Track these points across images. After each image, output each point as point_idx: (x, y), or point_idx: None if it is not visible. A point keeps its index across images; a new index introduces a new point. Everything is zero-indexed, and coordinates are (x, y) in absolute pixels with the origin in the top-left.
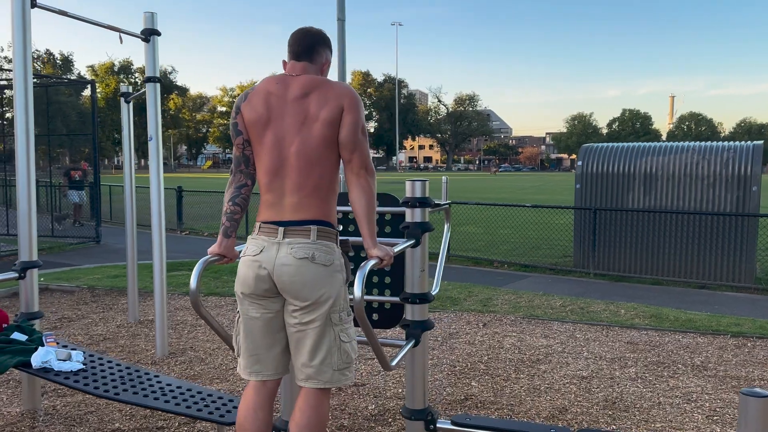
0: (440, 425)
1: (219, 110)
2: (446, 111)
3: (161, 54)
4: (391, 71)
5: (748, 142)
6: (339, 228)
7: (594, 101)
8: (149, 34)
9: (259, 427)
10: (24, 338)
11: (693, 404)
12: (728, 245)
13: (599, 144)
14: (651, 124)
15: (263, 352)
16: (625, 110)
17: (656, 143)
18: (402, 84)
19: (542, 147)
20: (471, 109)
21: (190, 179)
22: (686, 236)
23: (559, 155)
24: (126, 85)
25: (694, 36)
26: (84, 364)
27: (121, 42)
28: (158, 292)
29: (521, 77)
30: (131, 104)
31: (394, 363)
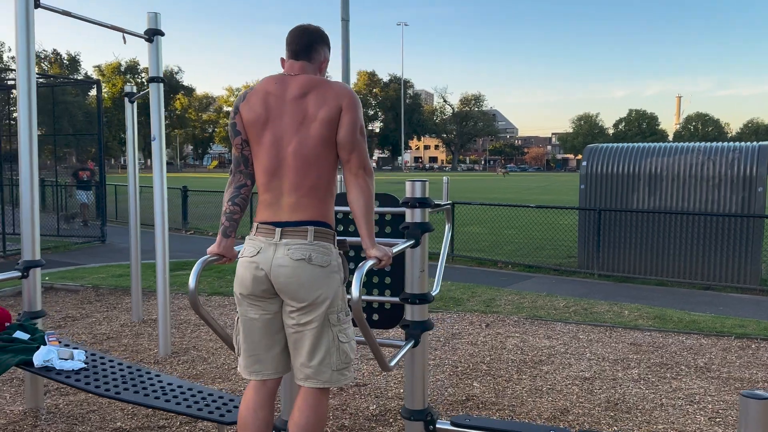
0: (440, 426)
1: (225, 110)
2: (452, 111)
3: (168, 54)
4: (397, 71)
5: (754, 143)
6: (339, 228)
7: (601, 101)
8: (152, 35)
9: (260, 427)
10: (26, 337)
11: (696, 406)
12: (733, 246)
13: (604, 144)
14: (657, 125)
15: (263, 352)
16: (632, 110)
17: (661, 143)
18: (407, 84)
19: (548, 147)
20: (476, 109)
21: (196, 179)
22: (691, 237)
23: (565, 155)
24: (132, 85)
25: (702, 36)
26: (86, 363)
27: (125, 42)
28: (161, 292)
29: (527, 77)
30: (135, 104)
31: (393, 363)
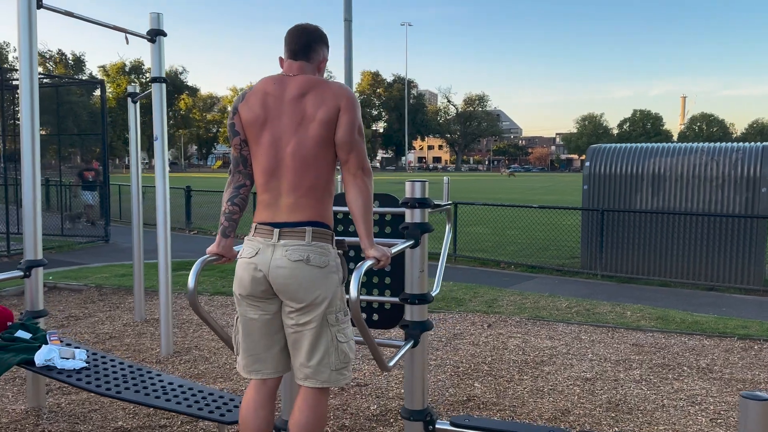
0: (439, 426)
1: (229, 110)
2: (456, 111)
3: (172, 54)
4: (401, 71)
5: (758, 143)
6: (339, 228)
7: (605, 102)
8: (155, 35)
9: (260, 425)
10: (28, 336)
11: (697, 407)
12: (737, 247)
13: (607, 144)
14: (662, 125)
15: (262, 352)
16: (636, 111)
17: (664, 144)
18: (411, 84)
19: (552, 147)
20: (480, 110)
21: (200, 179)
22: (694, 238)
23: (569, 156)
24: (135, 86)
25: (708, 36)
26: (87, 363)
27: (127, 42)
28: (163, 291)
29: (531, 77)
30: (138, 104)
31: (392, 363)
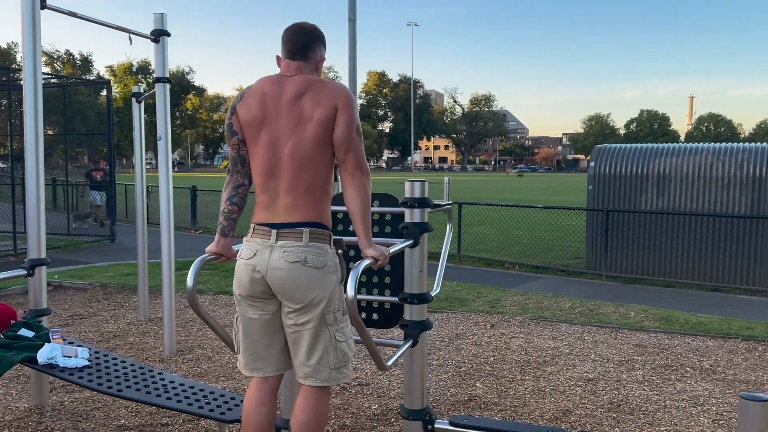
0: (438, 425)
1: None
2: (462, 111)
3: (179, 54)
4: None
5: (764, 144)
6: (339, 227)
7: (612, 102)
8: (159, 35)
9: (262, 422)
10: (31, 335)
11: (699, 408)
12: (742, 248)
13: (612, 145)
14: (669, 125)
15: (263, 351)
16: (643, 111)
17: (670, 144)
18: (417, 84)
19: (559, 148)
20: (487, 110)
21: (206, 179)
22: (700, 238)
23: (576, 156)
24: (142, 85)
25: (715, 36)
26: (89, 361)
27: (131, 42)
28: (167, 291)
29: (538, 77)
30: (142, 104)
31: (390, 363)
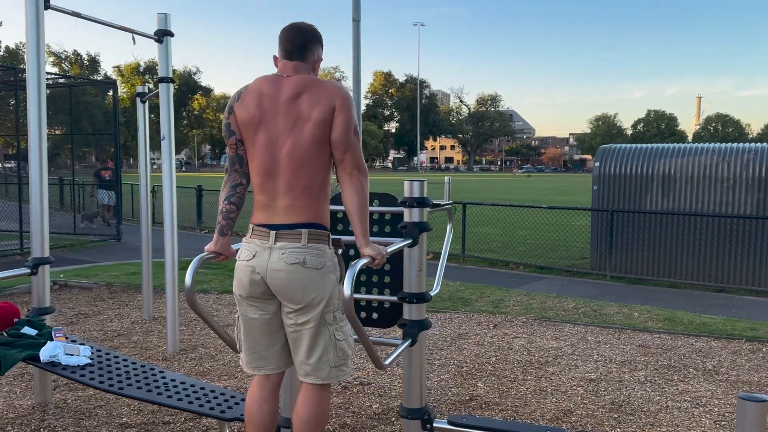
0: (437, 425)
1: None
2: (468, 111)
3: (186, 55)
4: (413, 71)
5: None
6: (339, 227)
7: (619, 102)
8: (162, 35)
9: (264, 419)
10: (34, 333)
11: (701, 409)
12: (748, 249)
13: (617, 145)
14: (677, 126)
15: (264, 350)
16: (650, 111)
17: (675, 144)
18: (424, 84)
19: (565, 148)
20: (493, 110)
21: (213, 179)
22: (705, 239)
23: (583, 156)
24: (149, 85)
25: (723, 36)
26: (91, 359)
27: (134, 43)
28: (170, 290)
29: (545, 77)
30: (147, 104)
31: (388, 362)
